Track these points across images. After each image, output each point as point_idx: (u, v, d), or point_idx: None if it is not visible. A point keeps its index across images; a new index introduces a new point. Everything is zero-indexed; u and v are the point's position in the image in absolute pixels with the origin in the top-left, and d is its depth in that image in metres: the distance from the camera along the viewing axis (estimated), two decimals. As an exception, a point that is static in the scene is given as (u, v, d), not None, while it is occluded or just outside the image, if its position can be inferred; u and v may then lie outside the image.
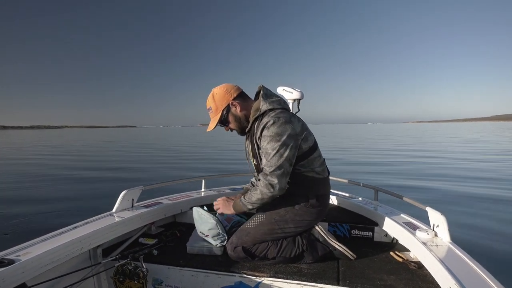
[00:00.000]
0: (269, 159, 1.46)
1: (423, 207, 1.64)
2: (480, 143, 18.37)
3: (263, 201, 1.51)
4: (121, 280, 1.56)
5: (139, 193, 2.01)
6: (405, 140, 22.64)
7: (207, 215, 1.68)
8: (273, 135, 1.45)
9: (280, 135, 1.44)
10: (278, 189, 1.46)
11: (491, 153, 12.92)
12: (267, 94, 1.60)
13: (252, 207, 1.55)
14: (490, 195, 5.55)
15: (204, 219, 1.69)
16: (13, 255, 1.25)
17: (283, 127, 1.45)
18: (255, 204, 1.53)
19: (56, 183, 7.46)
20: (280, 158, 1.44)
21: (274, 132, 1.45)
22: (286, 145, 1.45)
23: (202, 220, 1.70)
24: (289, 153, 1.45)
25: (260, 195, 1.49)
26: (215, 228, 1.66)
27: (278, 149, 1.44)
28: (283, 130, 1.45)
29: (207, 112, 1.67)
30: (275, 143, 1.44)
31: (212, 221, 1.66)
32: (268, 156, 1.46)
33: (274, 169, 1.44)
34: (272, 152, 1.45)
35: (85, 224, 1.64)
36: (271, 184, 1.45)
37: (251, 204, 1.54)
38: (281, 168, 1.44)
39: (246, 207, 1.57)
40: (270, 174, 1.45)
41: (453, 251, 1.35)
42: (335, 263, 1.56)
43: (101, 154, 15.95)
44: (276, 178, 1.44)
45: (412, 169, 8.69)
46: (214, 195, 2.41)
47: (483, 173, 7.93)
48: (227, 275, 1.51)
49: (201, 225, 1.71)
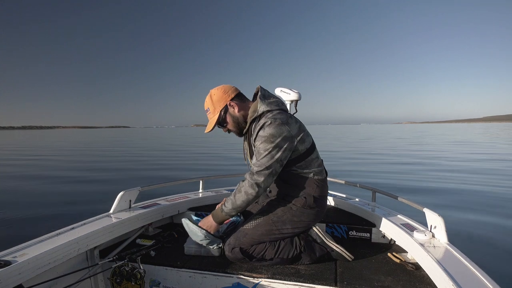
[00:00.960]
0: (259, 159, 1.47)
1: (420, 208, 1.65)
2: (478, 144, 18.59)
3: (248, 202, 1.51)
4: (118, 281, 1.55)
5: (136, 194, 2.00)
6: (396, 142, 22.84)
7: (195, 228, 1.63)
8: (267, 136, 1.45)
9: (275, 137, 1.45)
10: (263, 188, 1.47)
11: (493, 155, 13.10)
12: (265, 95, 1.60)
13: (236, 212, 1.55)
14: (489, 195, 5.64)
15: (194, 231, 1.65)
16: (10, 256, 1.24)
17: (278, 128, 1.46)
18: (240, 207, 1.53)
19: (53, 184, 7.37)
20: (271, 159, 1.45)
21: (269, 133, 1.45)
22: (279, 147, 1.45)
23: (192, 233, 1.67)
24: (281, 155, 1.46)
25: (245, 196, 1.49)
26: (205, 239, 1.63)
27: (270, 150, 1.45)
28: (278, 132, 1.45)
29: (205, 113, 1.67)
30: (268, 144, 1.45)
31: (200, 234, 1.62)
32: (259, 156, 1.47)
33: (262, 169, 1.45)
34: (263, 153, 1.45)
35: (82, 225, 1.62)
36: (257, 183, 1.46)
37: (235, 209, 1.54)
38: (269, 168, 1.45)
39: (229, 215, 1.57)
40: (257, 173, 1.46)
41: (450, 252, 1.36)
42: (333, 264, 1.56)
43: (97, 154, 15.77)
44: (262, 177, 1.46)
45: (406, 170, 8.77)
46: (212, 196, 2.40)
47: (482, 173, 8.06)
48: (225, 276, 1.51)
49: (193, 236, 1.68)
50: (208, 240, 1.64)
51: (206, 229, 1.63)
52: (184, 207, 2.23)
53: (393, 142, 22.93)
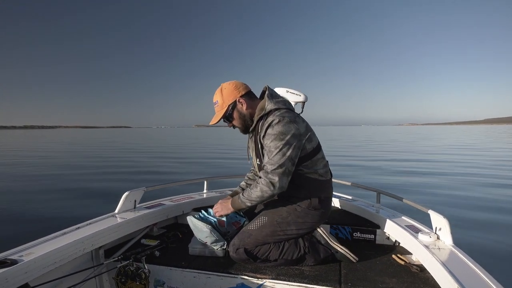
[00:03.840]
0: (271, 157, 1.47)
1: (425, 210, 1.65)
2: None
3: (262, 199, 1.51)
4: (123, 281, 1.55)
5: (141, 194, 2.01)
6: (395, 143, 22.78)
7: (201, 224, 1.66)
8: (277, 134, 1.46)
9: (284, 134, 1.46)
10: (278, 188, 1.47)
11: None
12: (272, 94, 1.62)
13: (250, 204, 1.56)
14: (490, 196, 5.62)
15: (199, 228, 1.67)
16: (16, 255, 1.25)
17: (287, 126, 1.47)
18: (254, 201, 1.54)
19: (58, 183, 7.39)
20: (282, 156, 1.45)
21: (279, 130, 1.46)
22: (290, 144, 1.46)
23: (197, 229, 1.69)
24: (292, 152, 1.46)
25: (260, 192, 1.50)
26: (210, 236, 1.65)
27: (281, 147, 1.45)
28: (288, 129, 1.46)
29: (213, 105, 1.67)
30: (278, 141, 1.45)
31: (206, 230, 1.64)
32: (271, 154, 1.47)
33: (275, 168, 1.45)
34: (275, 151, 1.46)
35: (87, 224, 1.63)
36: (272, 183, 1.46)
37: (250, 202, 1.55)
38: (282, 166, 1.45)
39: (244, 204, 1.57)
40: (271, 172, 1.46)
41: (455, 254, 1.36)
42: (337, 266, 1.56)
43: (98, 154, 15.80)
44: (277, 176, 1.45)
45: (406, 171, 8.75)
46: (216, 196, 2.40)
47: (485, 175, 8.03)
48: (229, 276, 1.51)
49: (198, 233, 1.70)
50: (213, 237, 1.65)
51: (221, 214, 1.68)
52: (188, 208, 2.23)
53: (391, 143, 22.87)
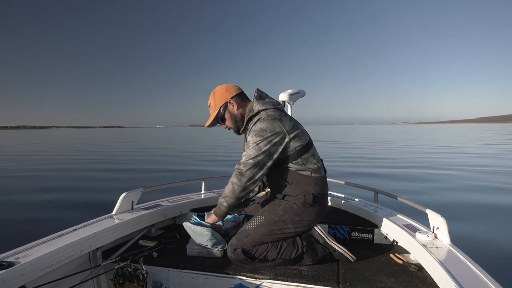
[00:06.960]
0: (247, 150, 1.52)
1: (423, 209, 1.66)
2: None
3: (235, 193, 1.54)
4: (120, 282, 1.54)
5: (139, 195, 2.00)
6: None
7: (200, 229, 1.65)
8: (258, 130, 1.51)
9: (265, 131, 1.50)
10: (247, 178, 1.50)
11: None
12: (261, 96, 1.67)
13: (227, 204, 1.58)
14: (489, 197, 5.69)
15: (199, 233, 1.66)
16: (13, 257, 1.23)
17: (270, 123, 1.51)
18: (229, 198, 1.56)
19: (55, 184, 7.29)
20: (258, 150, 1.49)
21: (260, 127, 1.51)
22: (268, 141, 1.50)
23: (196, 234, 1.67)
24: (269, 147, 1.50)
25: (230, 185, 1.53)
26: (212, 238, 1.64)
27: (258, 142, 1.49)
28: (270, 127, 1.51)
29: (208, 108, 1.73)
30: (257, 137, 1.50)
31: (208, 233, 1.64)
32: (248, 148, 1.52)
33: (247, 159, 1.50)
34: (252, 145, 1.50)
35: (84, 226, 1.62)
36: (241, 172, 1.50)
37: (225, 200, 1.57)
38: (256, 159, 1.49)
39: (222, 205, 1.60)
40: (242, 163, 1.50)
41: (453, 253, 1.37)
42: (335, 265, 1.57)
43: (97, 155, 15.62)
44: (246, 166, 1.49)
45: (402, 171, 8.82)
46: (214, 197, 2.40)
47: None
48: (227, 277, 1.51)
49: (197, 238, 1.68)
50: (214, 239, 1.64)
51: (211, 223, 1.67)
52: (186, 208, 2.23)
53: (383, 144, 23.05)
